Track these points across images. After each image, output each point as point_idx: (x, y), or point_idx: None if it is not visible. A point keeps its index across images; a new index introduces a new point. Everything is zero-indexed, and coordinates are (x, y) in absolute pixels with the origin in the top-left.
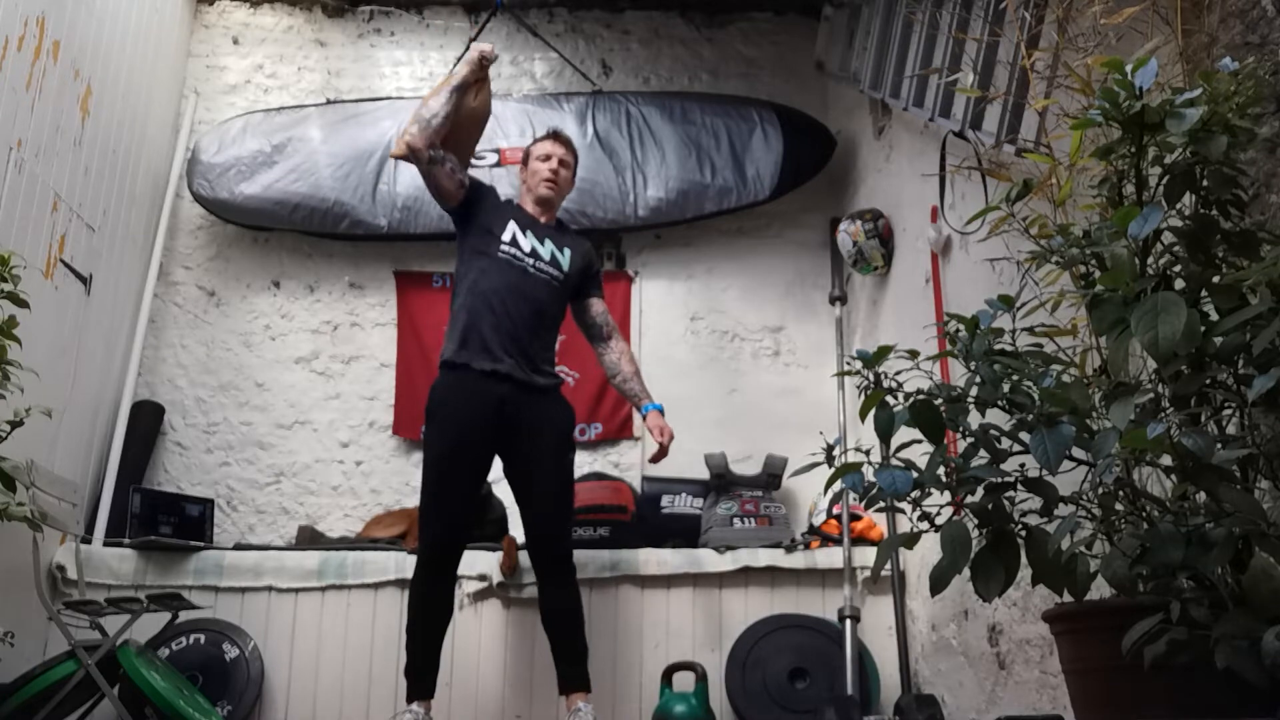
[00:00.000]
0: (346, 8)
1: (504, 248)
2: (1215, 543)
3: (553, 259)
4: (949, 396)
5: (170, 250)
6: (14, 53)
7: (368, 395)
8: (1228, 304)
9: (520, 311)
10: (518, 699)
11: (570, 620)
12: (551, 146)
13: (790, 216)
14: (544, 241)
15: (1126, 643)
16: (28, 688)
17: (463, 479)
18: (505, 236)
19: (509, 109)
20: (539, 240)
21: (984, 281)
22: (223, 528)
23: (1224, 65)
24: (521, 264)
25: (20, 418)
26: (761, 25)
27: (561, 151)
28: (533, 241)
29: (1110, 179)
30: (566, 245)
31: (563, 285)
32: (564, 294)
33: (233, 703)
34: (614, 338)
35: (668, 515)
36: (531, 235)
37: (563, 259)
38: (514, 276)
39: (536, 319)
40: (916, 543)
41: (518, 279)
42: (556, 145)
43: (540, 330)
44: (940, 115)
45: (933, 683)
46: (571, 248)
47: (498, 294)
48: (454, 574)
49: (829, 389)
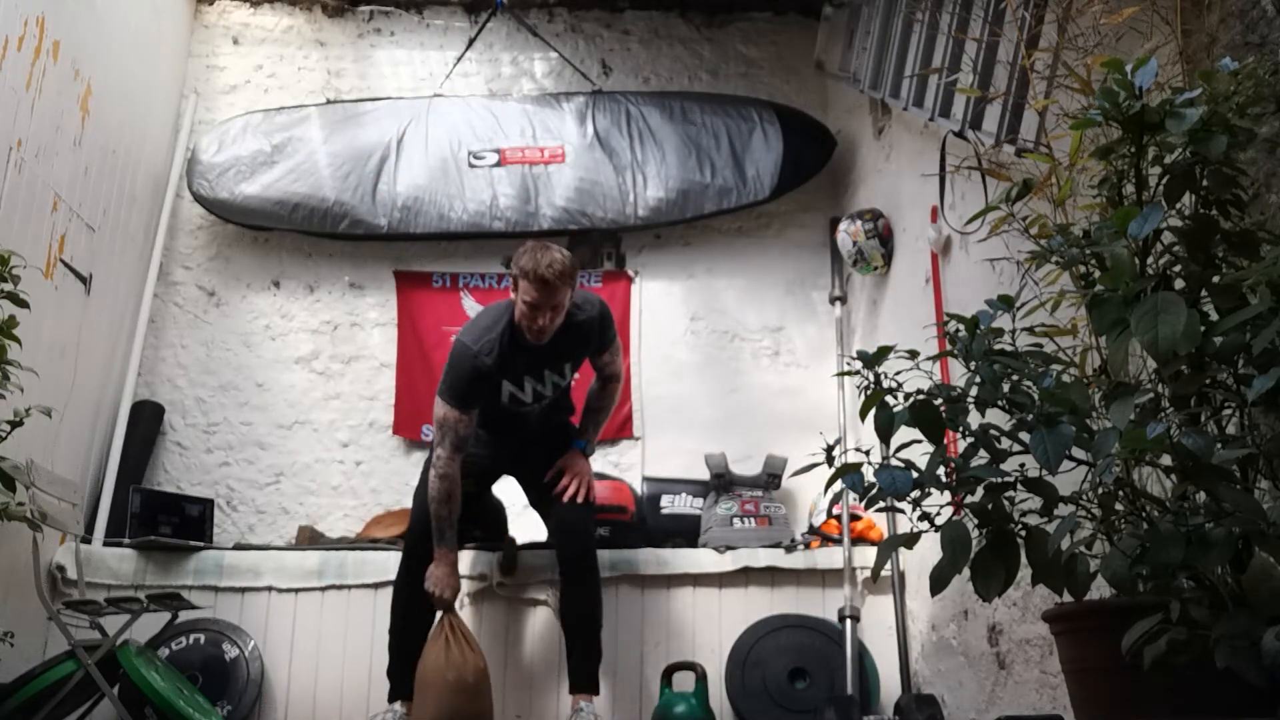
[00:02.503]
0: (346, 8)
1: (502, 404)
2: (1215, 543)
3: (553, 389)
4: (949, 396)
5: (170, 250)
6: (14, 53)
7: (368, 395)
8: (1228, 304)
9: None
10: (518, 699)
11: (584, 623)
12: (538, 296)
13: (790, 216)
14: (543, 378)
15: (1126, 643)
16: (28, 688)
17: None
18: (504, 399)
19: (509, 109)
20: (538, 380)
21: (984, 281)
22: (223, 528)
23: (1224, 65)
24: (524, 411)
25: (20, 418)
26: (761, 25)
27: (550, 300)
28: (532, 387)
29: (1110, 179)
30: (567, 359)
31: (567, 387)
32: (570, 385)
33: (233, 703)
34: (610, 381)
35: (668, 515)
36: (530, 381)
37: (563, 381)
38: (514, 417)
39: (543, 423)
40: (916, 543)
41: (520, 417)
42: (544, 294)
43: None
44: (940, 115)
45: (933, 683)
46: (572, 356)
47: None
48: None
49: (829, 389)
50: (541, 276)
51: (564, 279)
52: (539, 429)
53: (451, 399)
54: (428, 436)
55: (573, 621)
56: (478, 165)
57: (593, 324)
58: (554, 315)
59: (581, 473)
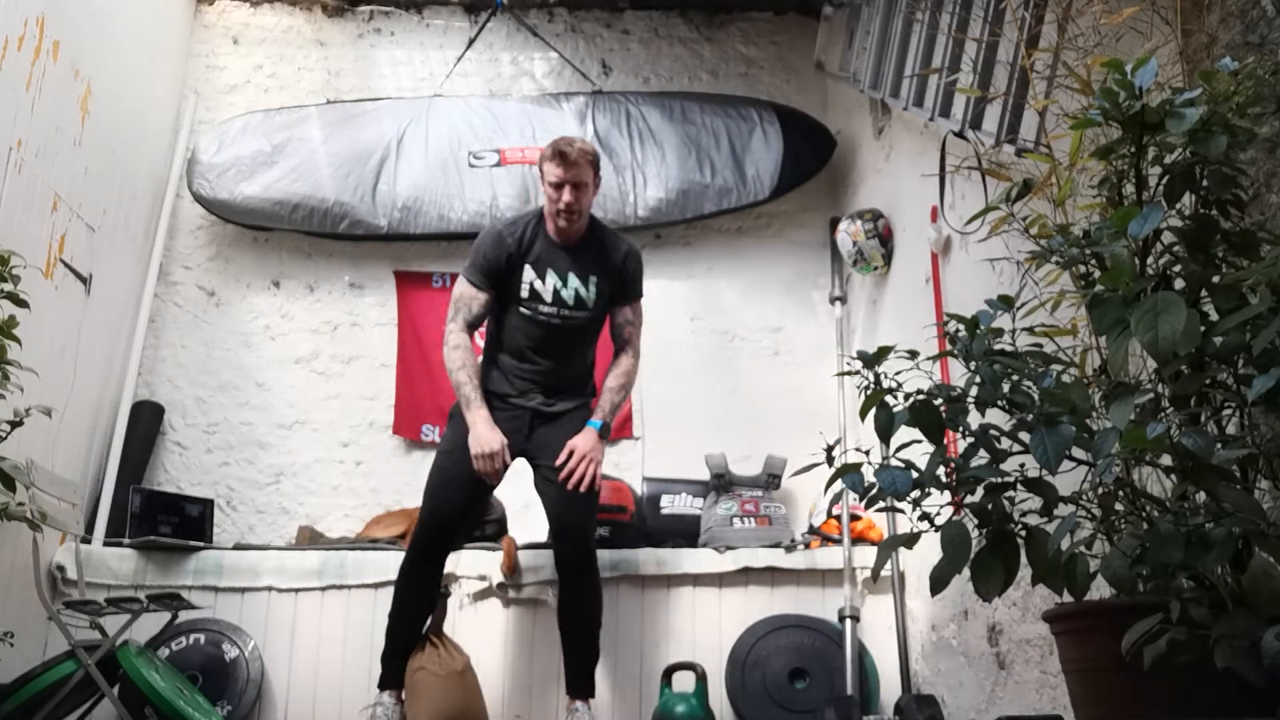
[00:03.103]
0: (346, 8)
1: (523, 306)
2: (1215, 543)
3: (577, 300)
4: (949, 396)
5: (170, 250)
6: (14, 53)
7: (368, 395)
8: (1228, 304)
9: (544, 363)
10: (517, 699)
11: (582, 625)
12: (559, 172)
13: (790, 216)
14: (567, 280)
15: (1126, 643)
16: (28, 688)
17: (462, 485)
18: (523, 292)
19: (509, 109)
20: (561, 279)
21: (984, 281)
22: (223, 528)
23: (1224, 65)
24: (544, 320)
25: (20, 418)
26: (761, 25)
27: (572, 175)
28: (554, 283)
29: (1110, 179)
30: (594, 272)
31: (591, 317)
32: (596, 320)
33: (233, 703)
34: (624, 352)
35: (668, 515)
36: (553, 276)
37: (588, 294)
38: (535, 331)
39: (563, 360)
40: (916, 543)
41: (541, 334)
42: (565, 169)
43: (567, 366)
44: (940, 115)
45: (933, 683)
46: (599, 271)
47: (518, 352)
48: (441, 565)
49: (829, 389)
50: (560, 150)
51: (584, 155)
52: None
53: (469, 274)
54: (428, 436)
55: (570, 624)
56: (478, 165)
57: (621, 250)
58: (578, 195)
59: (593, 457)
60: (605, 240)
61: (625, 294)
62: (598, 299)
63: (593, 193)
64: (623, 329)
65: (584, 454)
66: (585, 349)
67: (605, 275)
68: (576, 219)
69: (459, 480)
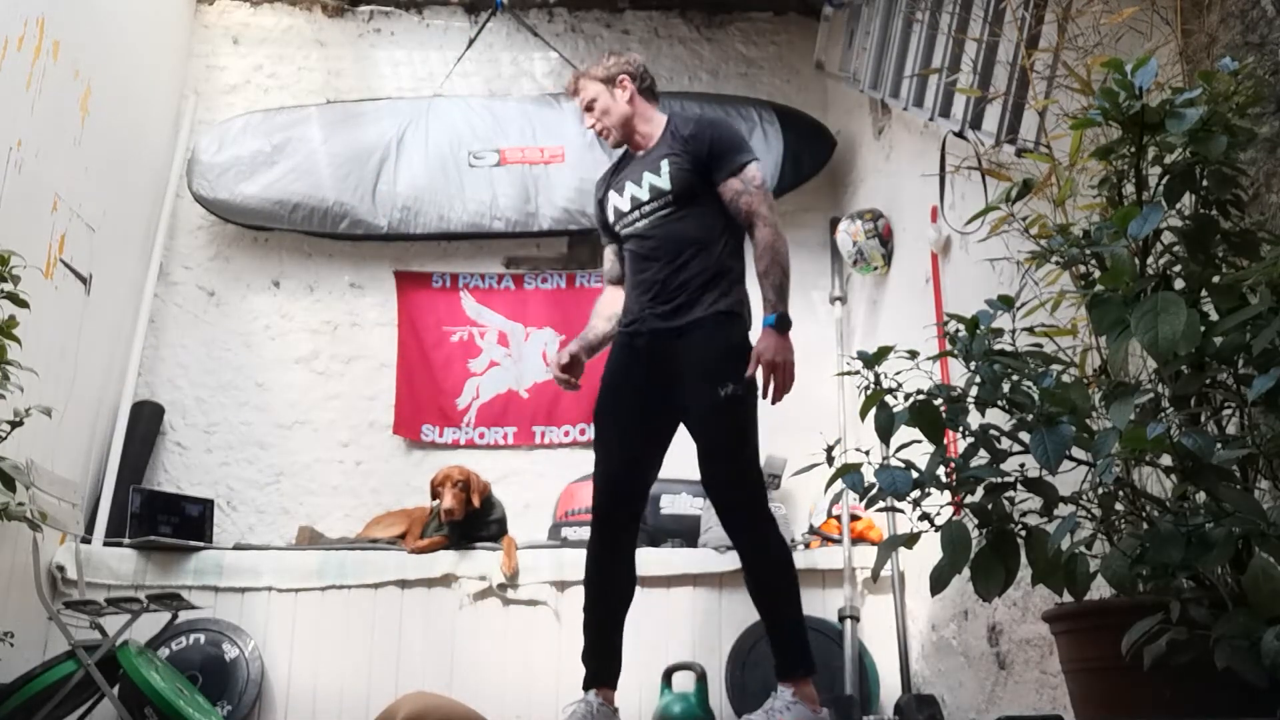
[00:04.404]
0: (346, 8)
1: (622, 229)
2: (1215, 543)
3: (652, 191)
4: (949, 396)
5: (170, 250)
6: (14, 53)
7: (368, 395)
8: (1228, 304)
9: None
10: (518, 699)
11: (768, 595)
12: (576, 103)
13: (790, 216)
14: (641, 181)
15: (1126, 643)
16: (28, 688)
17: (613, 438)
18: (610, 218)
19: (509, 109)
20: (637, 183)
21: (984, 281)
22: (223, 528)
23: (1224, 65)
24: (639, 230)
25: (20, 418)
26: (761, 25)
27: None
28: (631, 192)
29: (1110, 179)
30: (663, 158)
31: (676, 202)
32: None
33: (233, 703)
34: (753, 226)
35: (668, 515)
36: (630, 185)
37: (660, 178)
38: (637, 246)
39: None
40: (916, 543)
41: (640, 245)
42: (576, 98)
43: (680, 271)
44: (940, 115)
45: (933, 683)
46: (669, 153)
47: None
48: (624, 546)
49: (829, 389)
50: (567, 88)
51: (582, 76)
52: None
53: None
54: (427, 436)
55: (756, 597)
56: (477, 165)
57: (690, 125)
58: (597, 114)
59: (773, 360)
60: (675, 124)
61: (719, 166)
62: (676, 176)
63: (614, 97)
64: (738, 200)
65: (768, 361)
66: (695, 246)
67: (676, 154)
68: (614, 133)
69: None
